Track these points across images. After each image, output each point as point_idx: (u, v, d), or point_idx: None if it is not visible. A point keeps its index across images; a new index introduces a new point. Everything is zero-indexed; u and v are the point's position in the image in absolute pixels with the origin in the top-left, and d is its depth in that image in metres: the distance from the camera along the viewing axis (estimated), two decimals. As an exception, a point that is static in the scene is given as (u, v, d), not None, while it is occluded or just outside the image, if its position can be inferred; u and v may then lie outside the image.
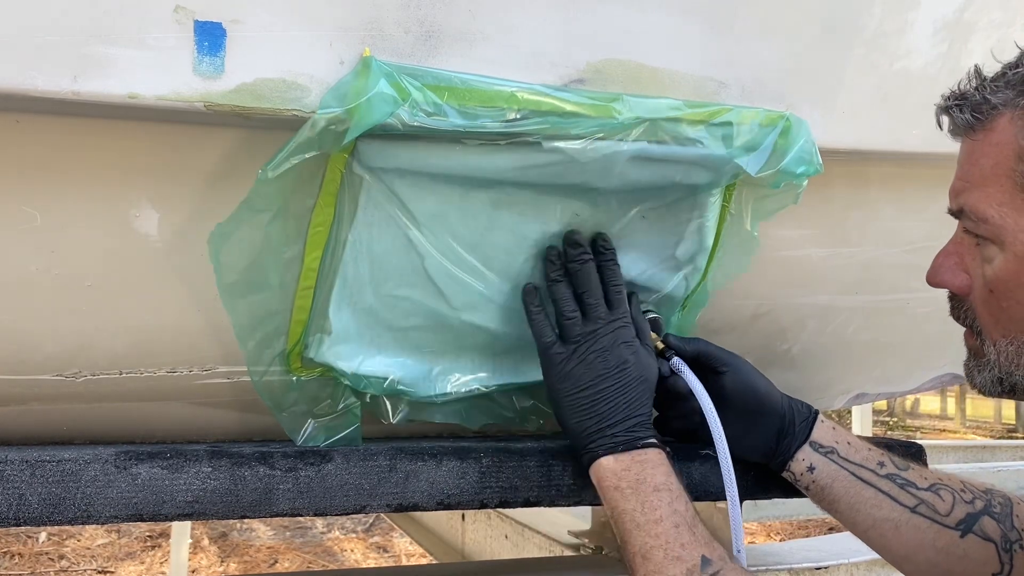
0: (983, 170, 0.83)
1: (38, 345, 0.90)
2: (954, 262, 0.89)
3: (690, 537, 0.87)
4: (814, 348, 1.33)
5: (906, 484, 1.03)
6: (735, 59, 0.98)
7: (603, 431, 0.94)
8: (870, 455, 1.05)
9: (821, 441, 1.05)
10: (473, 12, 0.84)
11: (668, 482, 0.91)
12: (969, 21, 1.10)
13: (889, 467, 1.04)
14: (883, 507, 1.02)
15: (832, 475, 1.04)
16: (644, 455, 0.93)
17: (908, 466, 1.05)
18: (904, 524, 1.01)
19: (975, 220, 0.84)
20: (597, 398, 0.94)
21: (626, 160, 0.91)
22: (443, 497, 0.99)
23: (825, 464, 1.04)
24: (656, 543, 0.86)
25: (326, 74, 0.80)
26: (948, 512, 1.00)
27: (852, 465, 1.04)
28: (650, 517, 0.88)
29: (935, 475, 1.05)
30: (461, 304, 0.98)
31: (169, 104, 0.75)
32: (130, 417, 1.03)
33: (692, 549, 0.86)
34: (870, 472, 1.03)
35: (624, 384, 0.95)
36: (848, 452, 1.05)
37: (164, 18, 0.73)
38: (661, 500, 0.89)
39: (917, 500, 1.02)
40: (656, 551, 0.86)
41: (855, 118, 1.07)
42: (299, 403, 0.96)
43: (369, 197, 0.88)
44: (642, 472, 0.91)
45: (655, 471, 0.91)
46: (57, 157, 0.81)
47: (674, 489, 0.90)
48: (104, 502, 0.86)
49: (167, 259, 0.89)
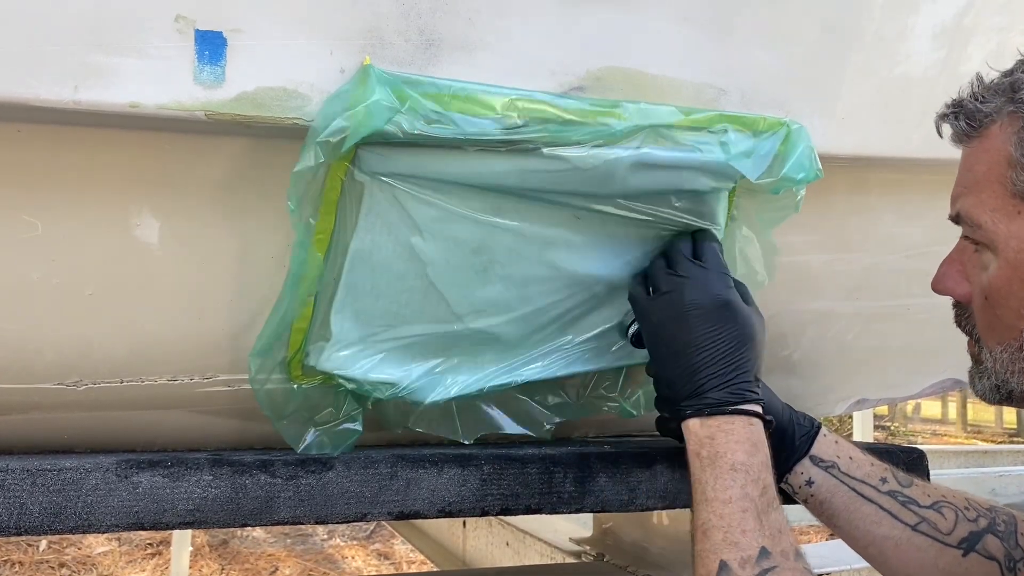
0: (977, 176, 0.84)
1: (39, 353, 0.90)
2: (956, 270, 0.89)
3: (755, 525, 0.84)
4: (814, 354, 1.32)
5: (908, 501, 1.01)
6: (734, 66, 0.98)
7: (696, 391, 0.91)
8: (872, 471, 1.04)
9: (821, 455, 1.04)
10: (473, 21, 0.84)
11: (748, 462, 0.88)
12: (969, 26, 1.10)
13: (891, 483, 1.03)
14: (883, 524, 1.01)
15: (831, 490, 1.03)
16: (731, 424, 0.90)
17: (911, 482, 1.04)
18: (905, 542, 1.00)
19: (971, 226, 0.85)
20: (689, 352, 0.92)
21: (627, 167, 0.92)
22: (444, 505, 0.98)
23: (824, 479, 1.03)
24: (719, 523, 0.84)
25: (327, 83, 0.80)
26: (950, 531, 0.99)
27: (852, 480, 1.03)
28: (720, 495, 0.86)
29: (939, 492, 1.03)
30: (463, 310, 0.98)
31: (170, 113, 0.75)
32: (131, 425, 1.03)
33: (753, 537, 0.83)
34: (871, 488, 1.02)
35: (716, 340, 0.92)
36: (849, 467, 1.04)
37: (165, 27, 0.74)
38: (735, 480, 0.86)
39: (919, 518, 1.00)
40: (716, 531, 0.84)
41: (855, 124, 1.07)
42: (300, 411, 0.96)
43: (370, 204, 0.88)
44: (725, 444, 0.89)
45: (737, 446, 0.88)
46: (58, 166, 0.81)
47: (753, 470, 0.87)
48: (105, 511, 0.86)
49: (168, 268, 0.89)
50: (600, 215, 0.99)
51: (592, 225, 0.99)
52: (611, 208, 0.98)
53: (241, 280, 0.92)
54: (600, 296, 1.04)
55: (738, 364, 0.93)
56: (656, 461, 1.08)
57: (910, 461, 1.26)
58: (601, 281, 1.02)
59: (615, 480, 1.07)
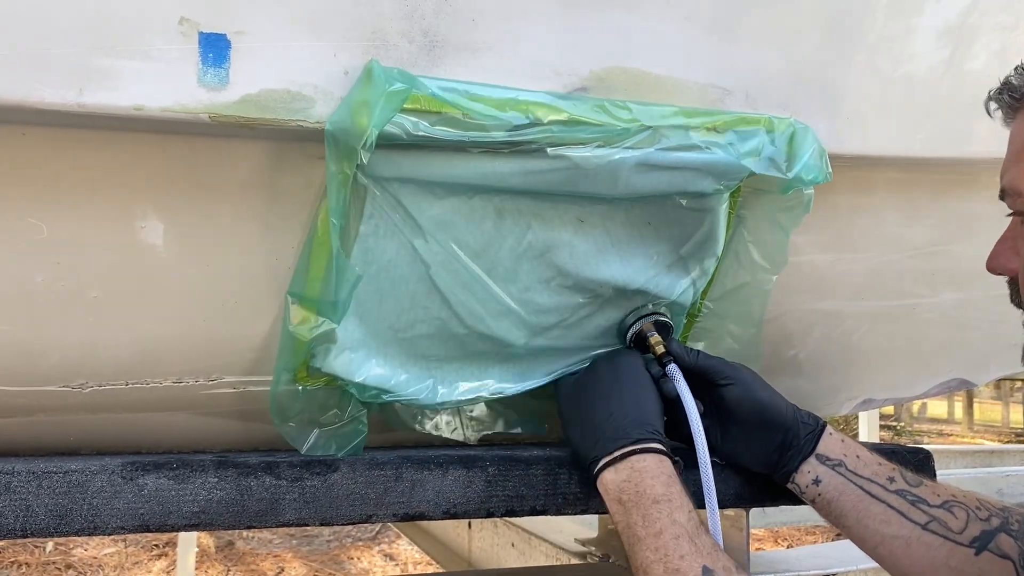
0: (1017, 147, 0.85)
1: (44, 356, 0.90)
2: (1008, 247, 0.89)
3: (690, 548, 0.85)
4: (821, 354, 1.32)
5: (917, 500, 1.00)
6: (739, 66, 0.98)
7: (599, 441, 0.93)
8: (880, 470, 1.03)
9: (828, 454, 1.04)
10: (476, 22, 0.84)
11: (668, 492, 0.89)
12: (973, 25, 1.10)
13: (900, 483, 1.02)
14: (892, 523, 1.00)
15: (839, 488, 1.02)
16: (643, 462, 0.92)
17: (920, 482, 1.03)
18: (915, 541, 0.99)
19: (1014, 196, 0.85)
20: (590, 408, 0.94)
21: (631, 167, 0.91)
22: (449, 506, 0.98)
23: (831, 477, 1.03)
24: (655, 557, 0.85)
25: (330, 84, 0.80)
26: (961, 529, 0.98)
27: (860, 479, 1.02)
28: (650, 530, 0.87)
29: (949, 492, 1.02)
30: (467, 312, 0.98)
31: (174, 116, 0.75)
32: (136, 427, 1.03)
33: (692, 560, 0.84)
34: (879, 487, 1.01)
35: (610, 391, 0.94)
36: (856, 465, 1.03)
37: (169, 30, 0.74)
38: (660, 512, 0.88)
39: (929, 517, 0.99)
40: (656, 565, 0.85)
41: (859, 123, 1.07)
42: (305, 412, 0.96)
43: (373, 206, 0.88)
44: (641, 483, 0.90)
45: (654, 481, 0.90)
46: (63, 169, 0.81)
47: (675, 499, 0.89)
48: (111, 513, 0.86)
49: (173, 270, 0.89)
50: (604, 219, 0.99)
51: (596, 228, 0.99)
52: (618, 211, 0.98)
53: (245, 282, 0.92)
54: (604, 300, 1.04)
55: (634, 405, 0.96)
56: (661, 462, 1.08)
57: (916, 461, 1.25)
58: (605, 284, 1.02)
59: (620, 481, 1.06)
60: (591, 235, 0.99)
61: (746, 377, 1.05)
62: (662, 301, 1.07)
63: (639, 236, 1.02)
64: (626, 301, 1.05)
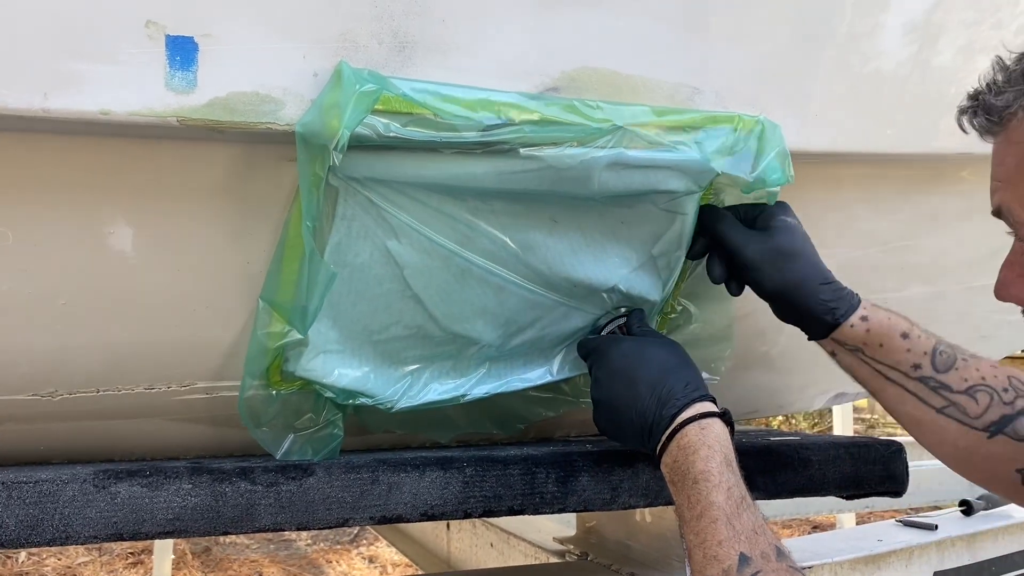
0: (1009, 170, 0.83)
1: (13, 365, 0.89)
2: (1017, 273, 0.87)
3: (727, 533, 0.81)
4: (793, 349, 1.33)
5: (940, 387, 0.99)
6: (709, 65, 0.98)
7: (647, 432, 0.94)
8: (906, 357, 1.00)
9: (846, 340, 1.02)
10: (446, 22, 0.84)
11: (706, 469, 0.86)
12: (939, 21, 1.11)
13: (925, 369, 1.00)
14: (907, 403, 1.00)
15: (854, 365, 1.03)
16: (684, 438, 0.90)
17: (952, 367, 1.00)
18: (927, 422, 0.99)
19: (1013, 224, 0.84)
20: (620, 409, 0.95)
21: (603, 167, 0.92)
22: (427, 508, 0.98)
23: (845, 355, 1.03)
24: (697, 541, 0.83)
25: (300, 86, 0.79)
26: (979, 415, 0.97)
27: (878, 364, 1.01)
28: (692, 512, 0.85)
29: (979, 375, 0.99)
30: (441, 314, 0.98)
31: (142, 120, 0.74)
32: (108, 435, 1.02)
33: (729, 546, 0.80)
34: (899, 373, 1.00)
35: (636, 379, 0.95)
36: (877, 353, 1.01)
37: (135, 33, 0.73)
38: (699, 492, 0.85)
39: (947, 402, 0.98)
40: (697, 551, 0.82)
41: (828, 120, 1.08)
42: (279, 417, 0.96)
43: (346, 208, 0.88)
44: (684, 461, 0.88)
45: (693, 457, 0.88)
46: (29, 175, 0.80)
47: (713, 476, 0.86)
48: (83, 522, 0.85)
49: (142, 275, 0.88)
50: (577, 219, 0.99)
51: (569, 229, 0.99)
52: (591, 210, 0.98)
53: (216, 286, 0.92)
54: (578, 299, 1.04)
55: (663, 383, 0.94)
56: (638, 459, 1.09)
57: (889, 455, 1.27)
58: (580, 284, 1.02)
59: (597, 479, 1.07)
60: (565, 235, 0.99)
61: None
62: (636, 300, 1.07)
63: (613, 236, 1.02)
64: (600, 300, 1.06)
